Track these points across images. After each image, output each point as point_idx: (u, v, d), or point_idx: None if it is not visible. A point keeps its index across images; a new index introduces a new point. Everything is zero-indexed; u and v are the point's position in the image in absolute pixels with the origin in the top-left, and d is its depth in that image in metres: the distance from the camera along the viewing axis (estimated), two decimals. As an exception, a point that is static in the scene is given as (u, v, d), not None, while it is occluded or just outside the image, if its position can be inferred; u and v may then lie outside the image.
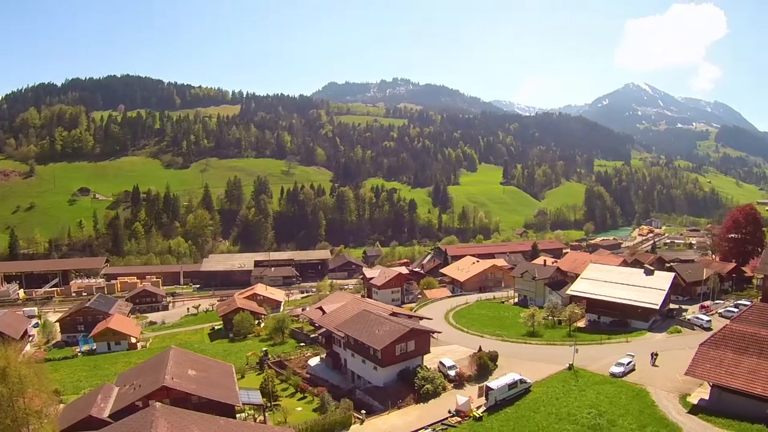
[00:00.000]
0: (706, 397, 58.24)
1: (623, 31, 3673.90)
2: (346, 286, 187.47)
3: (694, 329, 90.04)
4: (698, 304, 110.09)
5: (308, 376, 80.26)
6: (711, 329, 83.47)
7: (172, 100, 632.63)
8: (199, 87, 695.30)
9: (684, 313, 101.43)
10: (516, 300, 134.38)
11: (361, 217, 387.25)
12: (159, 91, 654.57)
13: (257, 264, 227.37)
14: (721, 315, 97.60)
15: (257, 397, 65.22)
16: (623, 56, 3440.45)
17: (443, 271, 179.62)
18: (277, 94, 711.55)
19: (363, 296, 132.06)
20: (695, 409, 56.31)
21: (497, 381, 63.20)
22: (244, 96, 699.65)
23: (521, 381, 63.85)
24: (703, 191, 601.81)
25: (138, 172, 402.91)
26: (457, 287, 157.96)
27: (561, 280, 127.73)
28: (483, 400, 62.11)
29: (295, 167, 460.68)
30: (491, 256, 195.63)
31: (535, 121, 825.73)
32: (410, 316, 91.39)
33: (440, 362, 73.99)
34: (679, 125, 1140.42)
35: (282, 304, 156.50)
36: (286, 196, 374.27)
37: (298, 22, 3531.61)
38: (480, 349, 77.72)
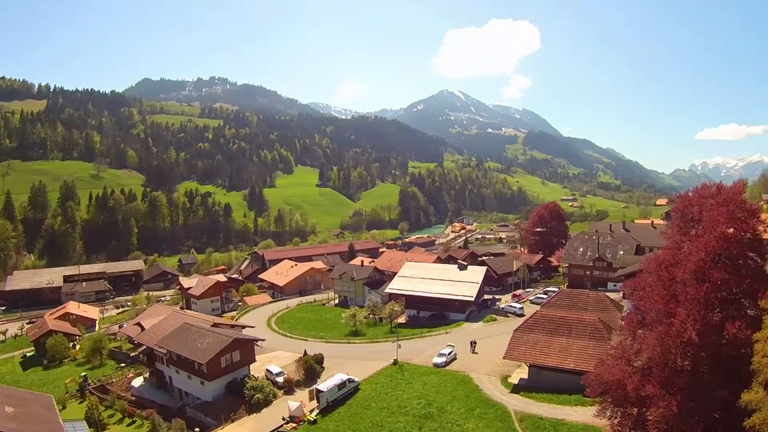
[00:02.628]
0: (526, 377, 64.12)
1: (442, 40, 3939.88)
2: (163, 298, 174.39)
3: (508, 316, 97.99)
4: (510, 293, 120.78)
5: (134, 398, 76.16)
6: (524, 315, 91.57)
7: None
8: (2, 78, 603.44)
9: (498, 303, 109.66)
10: (337, 301, 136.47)
11: (175, 223, 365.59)
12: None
13: (67, 279, 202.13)
14: (531, 302, 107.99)
15: (84, 429, 61.67)
16: (440, 64, 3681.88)
17: (262, 276, 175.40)
18: (87, 90, 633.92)
19: (182, 308, 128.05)
20: (517, 389, 61.59)
21: (326, 383, 64.30)
22: (51, 90, 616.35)
23: (349, 380, 65.27)
24: (511, 190, 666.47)
25: None
26: (277, 292, 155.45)
27: (379, 279, 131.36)
28: (315, 403, 63.05)
29: (105, 170, 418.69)
30: (309, 258, 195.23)
31: (352, 124, 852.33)
32: (232, 326, 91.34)
33: (267, 370, 74.11)
34: (490, 130, 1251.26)
35: (97, 322, 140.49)
36: (95, 202, 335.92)
37: (111, 7, 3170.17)
38: (305, 353, 77.15)
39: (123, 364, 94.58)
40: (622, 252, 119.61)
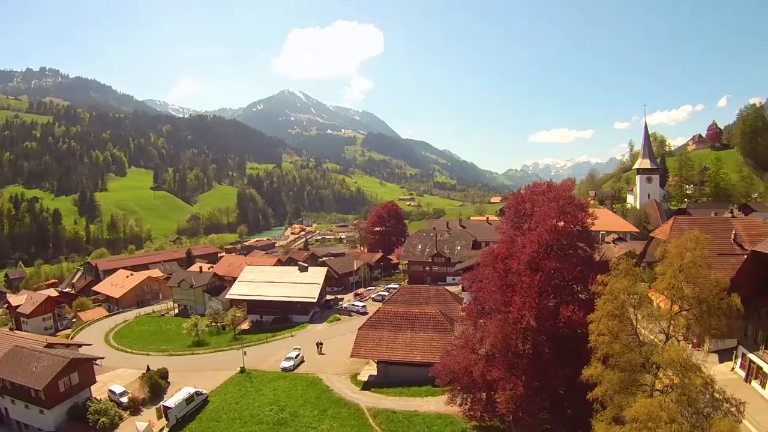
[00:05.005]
0: (374, 373, 65.25)
1: (286, 39, 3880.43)
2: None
3: (351, 315, 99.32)
4: (353, 292, 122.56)
5: (-37, 441, 65.55)
6: (367, 313, 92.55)
7: None
8: None
9: (341, 302, 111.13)
10: (177, 311, 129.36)
11: (0, 233, 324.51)
12: None
13: None
14: (374, 299, 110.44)
15: None
16: (283, 63, 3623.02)
17: (96, 288, 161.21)
18: None
19: (11, 329, 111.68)
20: (367, 386, 62.45)
21: (173, 398, 61.36)
22: None
23: (197, 393, 62.78)
24: (350, 191, 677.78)
25: None
26: (113, 305, 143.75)
27: (219, 285, 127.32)
28: (163, 421, 60.00)
29: None
30: (146, 267, 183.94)
31: (189, 123, 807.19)
32: (68, 345, 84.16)
33: (110, 390, 68.87)
34: (330, 131, 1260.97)
35: None
36: None
37: None
38: (148, 369, 72.67)
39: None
40: (459, 247, 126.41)
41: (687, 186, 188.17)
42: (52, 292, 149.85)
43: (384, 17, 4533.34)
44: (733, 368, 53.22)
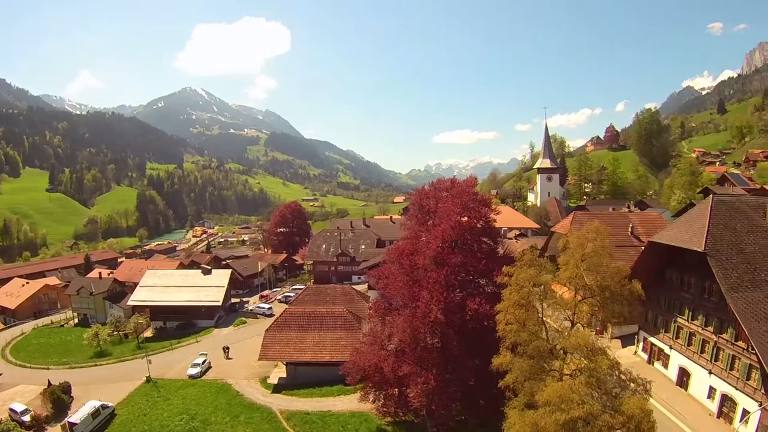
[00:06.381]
0: (284, 375, 63.70)
1: (191, 35, 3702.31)
2: None
3: (258, 318, 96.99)
4: (258, 295, 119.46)
5: None
6: (273, 315, 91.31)
7: None
8: None
9: (246, 305, 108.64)
10: (77, 320, 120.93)
11: None
12: None
13: None
14: (280, 301, 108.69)
15: None
16: (186, 60, 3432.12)
17: None
18: None
19: None
20: (278, 388, 60.92)
21: (78, 414, 57.23)
22: None
23: (103, 407, 59.06)
24: (252, 191, 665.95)
25: None
26: (9, 317, 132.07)
27: (120, 291, 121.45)
28: None
29: None
30: (42, 274, 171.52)
31: (87, 121, 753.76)
32: None
33: (11, 409, 63.16)
34: (232, 131, 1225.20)
35: None
36: None
37: None
38: (50, 384, 66.89)
39: None
40: (363, 246, 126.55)
41: (586, 184, 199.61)
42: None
43: (292, 15, 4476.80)
44: (635, 352, 56.79)
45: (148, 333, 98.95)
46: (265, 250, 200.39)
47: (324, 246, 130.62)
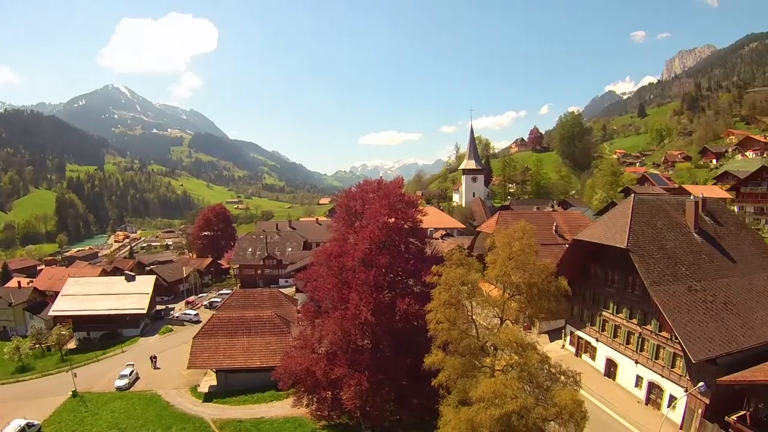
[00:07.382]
0: (214, 383, 61.79)
1: (114, 30, 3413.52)
2: None
3: (184, 325, 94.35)
4: (184, 301, 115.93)
5: None
6: (200, 321, 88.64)
7: None
8: None
9: (172, 312, 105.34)
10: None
11: None
12: None
13: None
14: (206, 307, 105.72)
15: None
16: (109, 56, 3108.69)
17: None
18: None
19: None
20: (209, 397, 58.96)
21: None
22: None
23: (29, 425, 55.17)
24: (176, 194, 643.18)
25: None
26: None
27: (41, 301, 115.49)
28: None
29: None
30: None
31: (3, 119, 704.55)
32: None
33: None
34: (155, 131, 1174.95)
35: None
36: None
37: None
38: None
39: None
40: (290, 249, 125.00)
41: (510, 185, 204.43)
42: None
43: (219, 12, 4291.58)
44: (563, 345, 58.61)
45: (72, 345, 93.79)
46: (190, 254, 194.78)
47: (250, 249, 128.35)
